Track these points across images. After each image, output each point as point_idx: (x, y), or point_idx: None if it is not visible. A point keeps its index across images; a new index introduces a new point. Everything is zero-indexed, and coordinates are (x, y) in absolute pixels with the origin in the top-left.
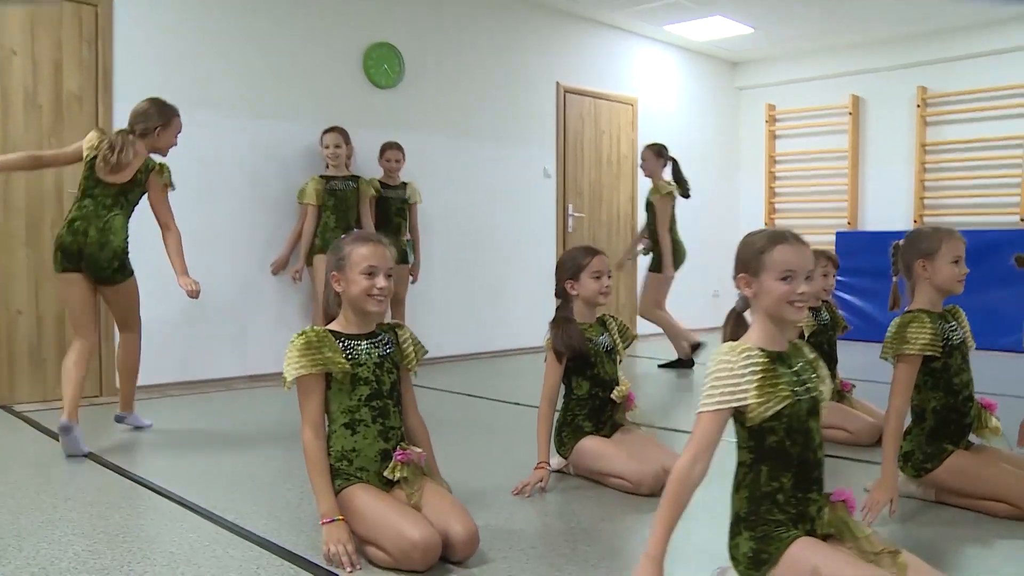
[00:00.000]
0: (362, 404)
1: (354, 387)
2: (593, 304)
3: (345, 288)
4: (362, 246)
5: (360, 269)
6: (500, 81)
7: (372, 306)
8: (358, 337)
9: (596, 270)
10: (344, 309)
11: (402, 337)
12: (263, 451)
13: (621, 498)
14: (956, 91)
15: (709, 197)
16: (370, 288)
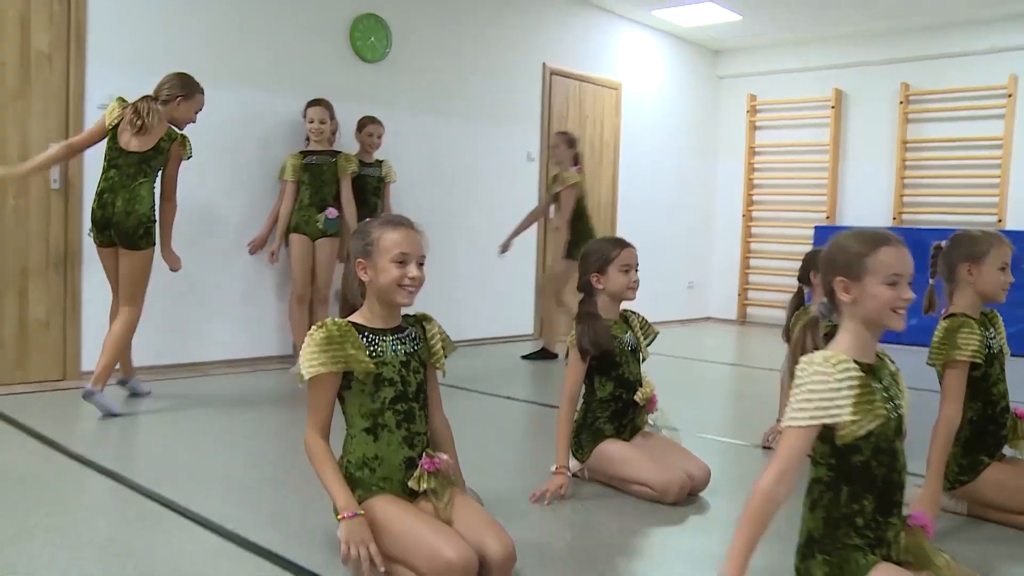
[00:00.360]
0: (386, 407)
1: (377, 388)
2: (620, 299)
3: (372, 277)
4: (393, 230)
5: (390, 256)
6: (487, 59)
7: (402, 298)
8: (383, 332)
9: (625, 263)
10: (369, 300)
11: (430, 331)
12: (252, 448)
13: (646, 507)
14: (938, 89)
15: (687, 187)
16: (401, 278)
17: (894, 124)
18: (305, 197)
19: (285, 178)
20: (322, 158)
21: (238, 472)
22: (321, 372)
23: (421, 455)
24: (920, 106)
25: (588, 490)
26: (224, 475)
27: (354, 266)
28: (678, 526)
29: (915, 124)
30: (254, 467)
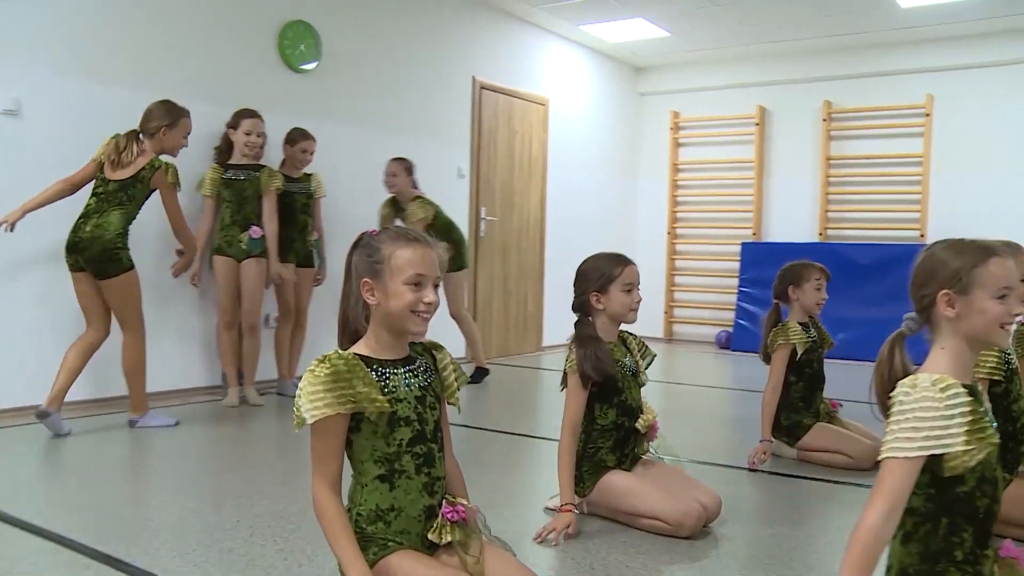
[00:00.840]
0: (403, 451)
1: (392, 429)
2: (621, 321)
3: (381, 300)
4: (406, 247)
5: (404, 278)
6: (417, 71)
7: (416, 325)
8: (394, 364)
9: (628, 282)
10: (374, 327)
11: (442, 361)
12: (206, 488)
13: (661, 543)
14: (860, 107)
15: (611, 204)
16: (415, 303)
17: (817, 141)
18: (227, 215)
19: (204, 193)
20: (245, 173)
21: (181, 520)
22: (328, 415)
23: (441, 503)
24: (843, 123)
25: (591, 526)
26: (169, 525)
27: (358, 287)
28: (703, 562)
29: (838, 141)
30: (196, 515)
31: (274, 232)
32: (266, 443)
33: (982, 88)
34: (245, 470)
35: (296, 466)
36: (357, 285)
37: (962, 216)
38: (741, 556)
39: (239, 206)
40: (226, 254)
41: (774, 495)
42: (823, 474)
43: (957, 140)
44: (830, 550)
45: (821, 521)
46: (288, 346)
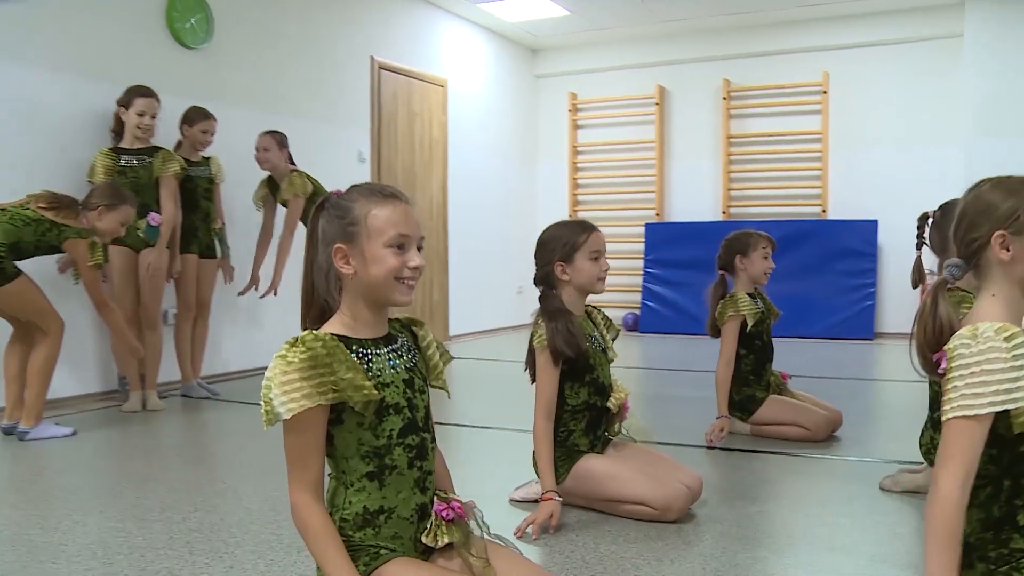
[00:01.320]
0: (394, 442)
1: (381, 419)
2: (588, 292)
3: (359, 269)
4: (383, 205)
5: (385, 239)
6: (314, 51)
7: (402, 294)
8: (375, 343)
9: (594, 249)
10: (349, 301)
11: (424, 339)
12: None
13: (649, 529)
14: (758, 85)
15: (512, 188)
16: (400, 268)
17: (718, 120)
18: None
19: (95, 180)
20: (140, 158)
21: (101, 542)
22: (307, 407)
23: (432, 500)
24: (742, 102)
25: (568, 517)
26: (89, 548)
27: (328, 255)
28: (699, 546)
29: (738, 119)
30: (119, 534)
31: (173, 219)
32: (183, 449)
33: (875, 66)
34: (166, 480)
35: (226, 472)
36: (326, 253)
37: (861, 191)
38: (736, 536)
39: (136, 193)
40: (123, 244)
41: (741, 471)
42: (781, 447)
43: (853, 117)
44: (821, 522)
45: (799, 494)
46: (187, 344)
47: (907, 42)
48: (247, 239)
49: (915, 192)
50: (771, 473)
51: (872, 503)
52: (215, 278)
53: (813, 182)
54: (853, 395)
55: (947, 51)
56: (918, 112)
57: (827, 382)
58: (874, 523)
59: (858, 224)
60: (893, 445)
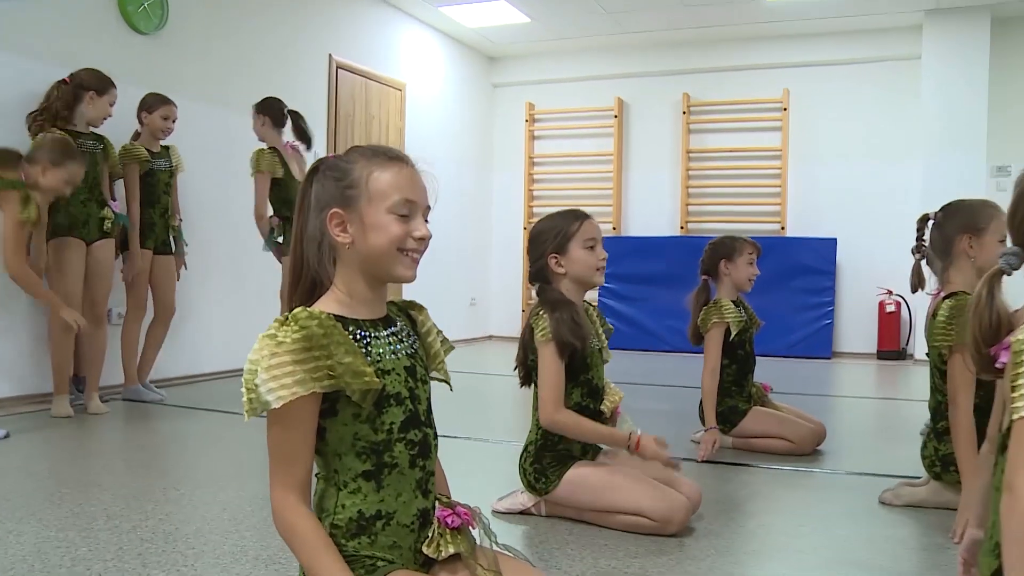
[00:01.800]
0: (395, 438)
1: (381, 411)
2: (587, 284)
3: (357, 237)
4: (387, 166)
5: (389, 204)
6: (271, 43)
7: (405, 268)
8: (374, 325)
9: (589, 237)
10: (347, 275)
11: (424, 324)
12: (63, 510)
13: (649, 543)
14: (719, 101)
15: (466, 198)
16: (403, 237)
17: (677, 134)
18: (80, 191)
19: None
20: (92, 143)
21: (39, 553)
22: (300, 395)
23: (434, 505)
24: (702, 117)
25: (558, 530)
26: (26, 560)
27: (321, 221)
28: (707, 560)
29: (697, 134)
30: (60, 545)
31: (137, 214)
32: (129, 454)
33: (835, 84)
34: (111, 486)
35: (179, 478)
36: (320, 219)
37: (819, 208)
38: (744, 551)
39: (94, 180)
40: (78, 236)
41: (732, 484)
42: (767, 461)
43: (813, 134)
44: (827, 536)
45: (796, 508)
46: (136, 345)
47: (867, 62)
48: (195, 236)
49: (874, 210)
50: (762, 487)
51: (874, 517)
52: (175, 277)
53: (772, 199)
54: (822, 411)
55: (905, 71)
56: (877, 130)
57: (793, 398)
58: (883, 537)
59: (817, 242)
60: (880, 458)
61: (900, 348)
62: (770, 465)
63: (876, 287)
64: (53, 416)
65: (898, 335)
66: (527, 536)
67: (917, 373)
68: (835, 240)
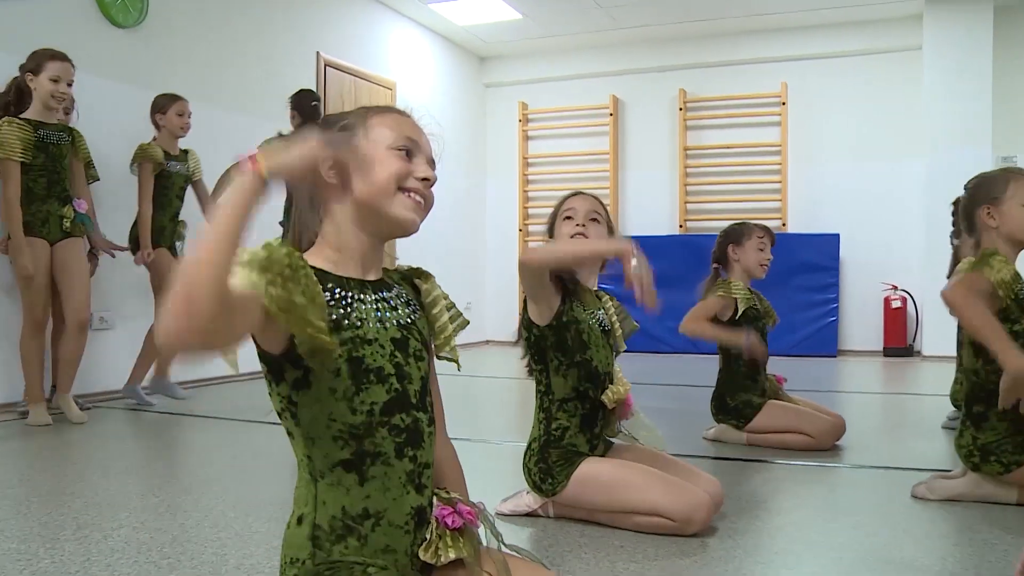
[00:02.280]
0: (376, 421)
1: (359, 386)
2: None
3: (357, 177)
4: (386, 113)
5: (390, 141)
6: (257, 40)
7: (405, 209)
8: (360, 285)
9: (568, 207)
10: (337, 223)
11: (428, 294)
12: (31, 520)
13: (668, 545)
14: (715, 96)
15: (459, 201)
16: (404, 174)
17: (674, 131)
18: (39, 186)
19: (10, 156)
20: (59, 135)
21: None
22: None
23: (431, 502)
24: (699, 113)
25: (568, 533)
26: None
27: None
28: (734, 562)
29: (694, 131)
30: (20, 559)
31: (147, 219)
32: (106, 460)
33: (835, 77)
34: (83, 493)
35: (154, 483)
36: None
37: (820, 204)
38: (773, 549)
39: (56, 175)
40: (38, 234)
41: (751, 481)
42: (786, 457)
43: (813, 128)
44: (862, 533)
45: (823, 504)
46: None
47: (867, 54)
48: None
49: (878, 204)
50: (784, 483)
51: (909, 512)
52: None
53: (772, 195)
54: (833, 407)
55: (907, 63)
56: (879, 123)
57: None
58: (922, 533)
59: (819, 238)
60: (903, 452)
61: (907, 344)
62: (789, 460)
63: (881, 283)
64: (29, 424)
65: (905, 331)
66: (535, 539)
67: (926, 369)
68: (838, 236)
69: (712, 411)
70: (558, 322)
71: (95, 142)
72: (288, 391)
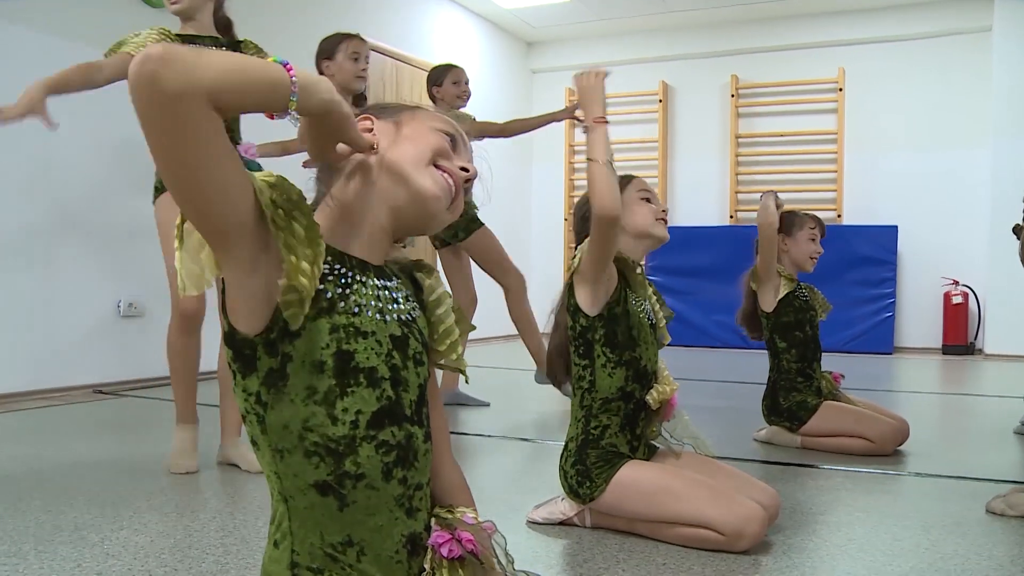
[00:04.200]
0: (361, 435)
1: (345, 388)
2: (647, 236)
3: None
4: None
5: (435, 124)
6: (297, 21)
7: (435, 185)
8: (362, 267)
9: (641, 188)
10: (351, 190)
11: (431, 291)
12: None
13: (717, 562)
14: (769, 82)
15: (502, 191)
16: (444, 151)
17: (725, 118)
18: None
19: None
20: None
21: None
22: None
23: (428, 526)
24: (751, 100)
25: (606, 545)
26: None
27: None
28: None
29: (747, 119)
30: None
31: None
32: (118, 454)
33: (895, 62)
34: (90, 489)
35: (168, 480)
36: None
37: (878, 195)
38: (832, 570)
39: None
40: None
41: (806, 490)
42: (844, 463)
43: (871, 116)
44: (936, 553)
45: (888, 517)
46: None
47: (930, 36)
48: None
49: (939, 196)
50: (842, 492)
51: (986, 530)
52: None
53: (827, 185)
54: (890, 408)
55: (974, 46)
56: (942, 111)
57: (858, 395)
58: (1007, 557)
59: (876, 230)
60: (971, 460)
61: (968, 342)
62: (847, 467)
63: (941, 277)
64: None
65: (965, 328)
66: (569, 552)
67: (989, 368)
68: (896, 228)
69: (763, 412)
70: (609, 312)
71: (135, 122)
72: (257, 387)
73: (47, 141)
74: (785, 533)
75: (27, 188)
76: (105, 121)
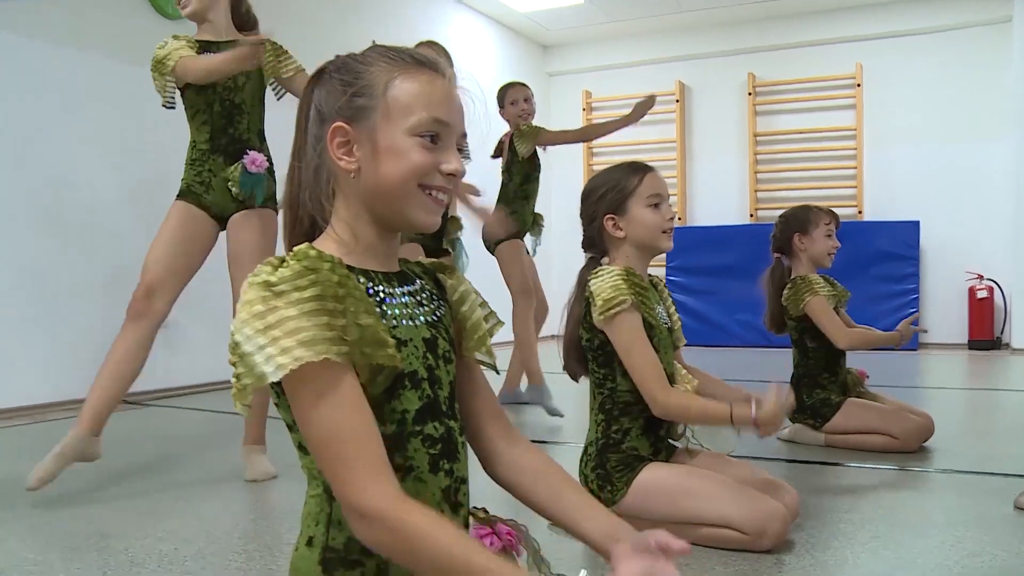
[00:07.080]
0: (409, 432)
1: (393, 393)
2: (652, 250)
3: (366, 164)
4: (413, 75)
5: (412, 124)
6: (311, 28)
7: (423, 212)
8: (387, 279)
9: (653, 193)
10: (350, 211)
11: (454, 289)
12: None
13: (741, 561)
14: (786, 80)
15: None
16: (428, 168)
17: (743, 117)
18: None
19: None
20: None
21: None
22: (307, 361)
23: (467, 521)
24: (769, 97)
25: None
26: None
27: (323, 138)
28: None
29: (765, 116)
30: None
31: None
32: (142, 461)
33: (914, 56)
34: (117, 497)
35: (192, 487)
36: (319, 136)
37: (899, 190)
38: (857, 569)
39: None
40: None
41: (829, 488)
42: (868, 460)
43: (890, 111)
44: (961, 550)
45: (915, 514)
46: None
47: (949, 29)
48: None
49: (961, 190)
50: (866, 490)
51: (1014, 527)
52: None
53: (847, 182)
54: (915, 404)
55: (993, 37)
56: (961, 104)
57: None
58: None
59: (898, 225)
60: (998, 456)
61: (994, 337)
62: (872, 464)
63: (965, 272)
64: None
65: (991, 323)
66: (591, 555)
67: (1017, 363)
68: (918, 223)
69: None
70: None
71: (147, 132)
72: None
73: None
74: (807, 531)
75: (46, 208)
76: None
